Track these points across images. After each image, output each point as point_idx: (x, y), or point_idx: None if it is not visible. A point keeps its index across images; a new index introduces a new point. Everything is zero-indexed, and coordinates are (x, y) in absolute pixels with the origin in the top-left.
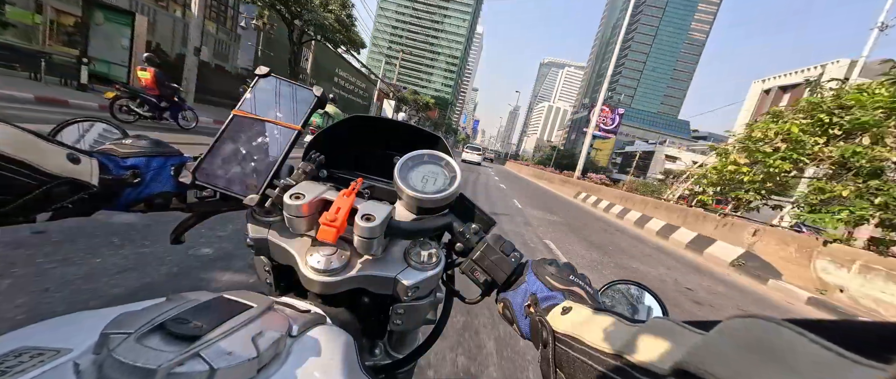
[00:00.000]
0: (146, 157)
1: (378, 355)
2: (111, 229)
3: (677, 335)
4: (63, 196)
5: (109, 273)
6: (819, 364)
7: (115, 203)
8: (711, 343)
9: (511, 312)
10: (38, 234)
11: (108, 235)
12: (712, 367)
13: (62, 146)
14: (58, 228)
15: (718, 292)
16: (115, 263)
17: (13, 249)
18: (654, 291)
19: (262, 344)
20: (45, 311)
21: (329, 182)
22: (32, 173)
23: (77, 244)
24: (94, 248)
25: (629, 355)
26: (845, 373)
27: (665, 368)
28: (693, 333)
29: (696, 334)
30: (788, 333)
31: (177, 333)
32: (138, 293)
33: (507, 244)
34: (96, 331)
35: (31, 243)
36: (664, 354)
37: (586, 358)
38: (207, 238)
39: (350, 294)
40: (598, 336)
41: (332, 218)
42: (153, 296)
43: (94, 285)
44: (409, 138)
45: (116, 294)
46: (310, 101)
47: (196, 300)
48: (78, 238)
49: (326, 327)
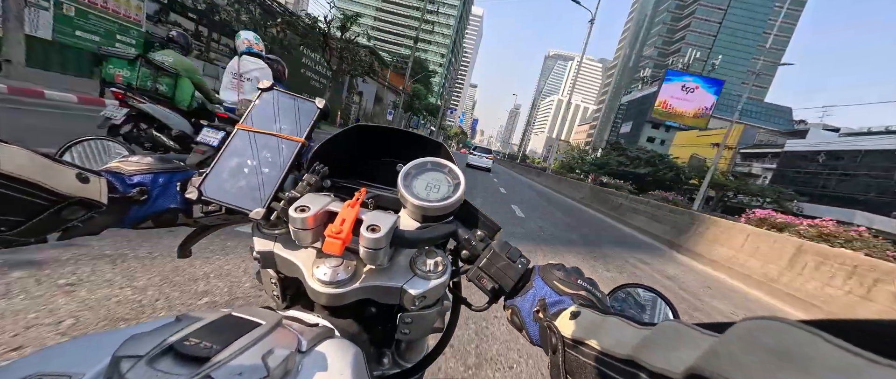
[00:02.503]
0: (152, 174)
1: (386, 365)
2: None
3: (690, 339)
4: (73, 216)
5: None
6: (837, 365)
7: (123, 221)
8: (725, 347)
9: (519, 318)
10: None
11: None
12: (727, 371)
13: (71, 166)
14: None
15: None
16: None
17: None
18: (665, 295)
19: (272, 362)
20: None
21: (332, 193)
22: (43, 194)
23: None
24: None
25: (641, 360)
26: (864, 373)
27: (678, 372)
28: (705, 336)
29: (709, 337)
30: (803, 334)
31: (187, 355)
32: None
33: (514, 250)
34: (107, 354)
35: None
36: (677, 358)
37: (597, 363)
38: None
39: (357, 304)
40: (609, 341)
41: (338, 230)
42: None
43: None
44: (412, 146)
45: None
46: (313, 112)
47: (205, 319)
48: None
49: (335, 341)
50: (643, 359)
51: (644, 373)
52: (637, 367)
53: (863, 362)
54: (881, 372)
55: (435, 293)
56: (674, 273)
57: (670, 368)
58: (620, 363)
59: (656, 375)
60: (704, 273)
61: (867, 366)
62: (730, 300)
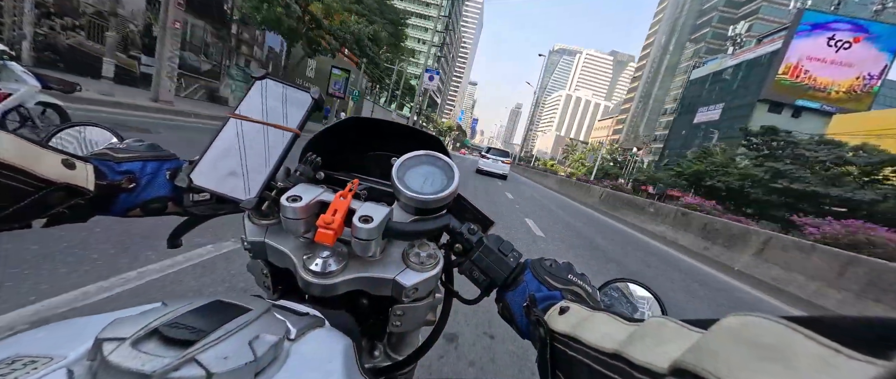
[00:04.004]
0: (141, 161)
1: (378, 357)
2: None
3: (675, 334)
4: (59, 202)
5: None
6: (816, 360)
7: (110, 208)
8: (709, 342)
9: (510, 311)
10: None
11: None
12: (711, 365)
13: (57, 152)
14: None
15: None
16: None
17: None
18: (654, 290)
19: (260, 348)
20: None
21: (325, 184)
22: (28, 179)
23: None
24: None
25: (627, 354)
26: (842, 369)
27: (663, 367)
28: (691, 331)
29: (694, 333)
30: (785, 329)
31: (172, 338)
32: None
33: (506, 244)
34: (90, 337)
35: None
36: (662, 353)
37: (584, 357)
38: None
39: (349, 296)
40: (596, 336)
41: (329, 220)
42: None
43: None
44: (407, 139)
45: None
46: (306, 103)
47: (192, 304)
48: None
49: (325, 330)
50: (629, 353)
51: (631, 367)
52: (623, 360)
53: (842, 358)
54: (859, 367)
55: (427, 285)
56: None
57: (655, 363)
58: (606, 357)
59: (641, 369)
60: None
61: (845, 361)
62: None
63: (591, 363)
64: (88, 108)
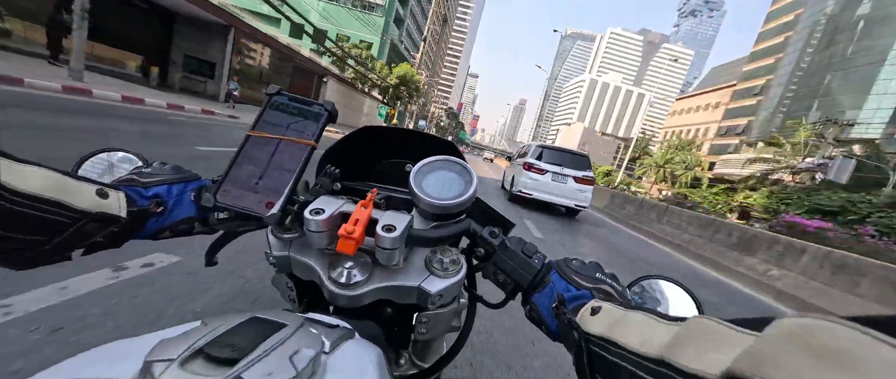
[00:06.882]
0: (166, 185)
1: (403, 365)
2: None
3: (723, 336)
4: (95, 231)
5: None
6: (893, 367)
7: (141, 233)
8: (766, 346)
9: (538, 314)
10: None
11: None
12: (770, 374)
13: (90, 182)
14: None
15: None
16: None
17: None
18: (688, 287)
19: (299, 362)
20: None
21: (344, 195)
22: (65, 212)
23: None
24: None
25: (674, 361)
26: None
27: (715, 374)
28: (741, 334)
29: (746, 336)
30: (856, 333)
31: (218, 357)
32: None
33: (529, 246)
34: (138, 359)
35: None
36: (713, 359)
37: (625, 363)
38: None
39: (373, 306)
40: (635, 338)
41: (351, 230)
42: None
43: None
44: (420, 145)
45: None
46: (321, 115)
47: (230, 323)
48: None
49: (357, 341)
50: (675, 359)
51: (678, 374)
52: (669, 367)
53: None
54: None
55: (451, 291)
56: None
57: (706, 370)
58: (650, 363)
59: (690, 377)
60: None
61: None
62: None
63: (633, 368)
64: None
